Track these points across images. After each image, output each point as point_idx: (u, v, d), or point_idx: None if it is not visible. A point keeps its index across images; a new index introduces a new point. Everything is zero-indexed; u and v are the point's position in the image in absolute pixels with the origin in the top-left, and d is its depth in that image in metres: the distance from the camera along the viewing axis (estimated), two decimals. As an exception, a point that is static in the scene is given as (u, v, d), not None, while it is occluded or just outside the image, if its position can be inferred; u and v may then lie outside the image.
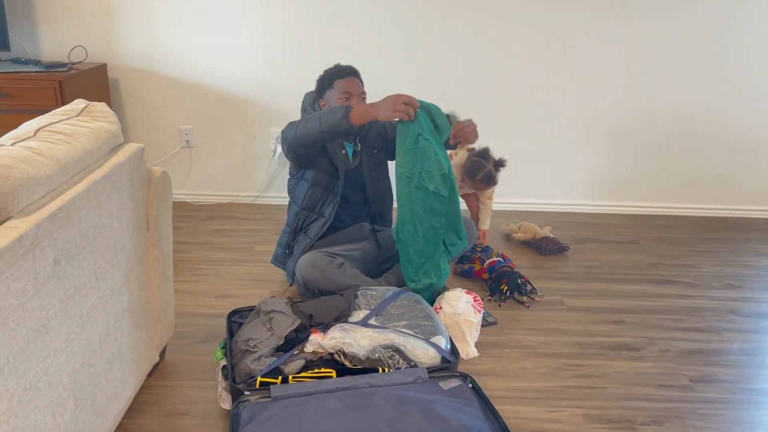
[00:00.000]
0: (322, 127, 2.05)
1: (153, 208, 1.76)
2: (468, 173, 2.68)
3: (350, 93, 2.22)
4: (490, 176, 2.65)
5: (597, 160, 3.34)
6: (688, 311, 2.41)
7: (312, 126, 2.07)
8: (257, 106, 3.24)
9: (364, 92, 2.27)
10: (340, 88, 2.23)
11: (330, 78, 2.26)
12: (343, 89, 2.22)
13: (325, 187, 2.28)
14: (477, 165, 2.65)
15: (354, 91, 2.22)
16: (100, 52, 3.13)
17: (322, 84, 2.29)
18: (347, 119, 2.01)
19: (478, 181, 2.67)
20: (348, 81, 2.23)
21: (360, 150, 2.35)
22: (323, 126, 2.04)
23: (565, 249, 2.89)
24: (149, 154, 3.32)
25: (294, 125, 2.13)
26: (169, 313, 1.93)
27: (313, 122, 2.07)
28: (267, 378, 1.69)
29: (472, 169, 2.66)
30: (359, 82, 2.27)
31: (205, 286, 2.49)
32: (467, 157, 2.70)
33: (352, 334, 1.88)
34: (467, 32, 3.11)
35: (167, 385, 1.89)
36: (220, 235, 2.99)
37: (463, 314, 2.05)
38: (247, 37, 3.13)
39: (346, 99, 2.22)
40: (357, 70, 2.30)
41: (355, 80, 2.25)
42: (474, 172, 2.65)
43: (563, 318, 2.33)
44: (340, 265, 2.17)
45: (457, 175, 2.64)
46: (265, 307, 1.98)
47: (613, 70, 3.16)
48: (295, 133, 2.11)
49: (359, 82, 2.27)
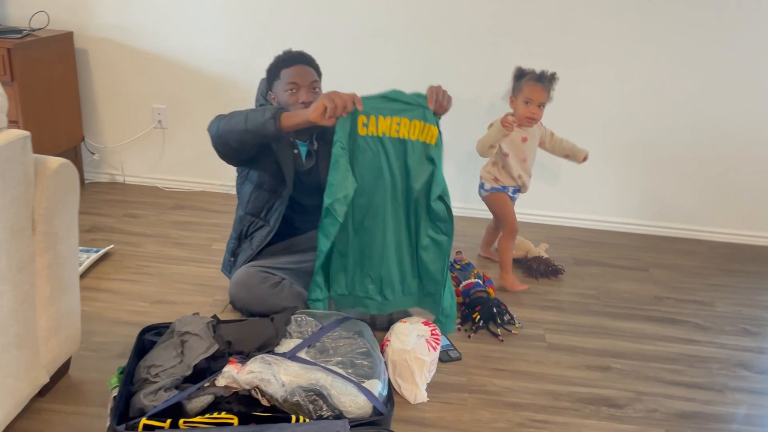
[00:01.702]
0: (247, 126, 1.75)
1: (42, 207, 1.49)
2: (515, 78, 2.33)
3: (297, 84, 1.91)
4: (541, 73, 2.30)
5: (610, 172, 2.97)
6: (690, 361, 2.06)
7: (236, 124, 1.77)
8: (236, 88, 2.96)
9: (316, 81, 1.96)
10: (286, 78, 1.92)
11: (276, 67, 1.96)
12: (289, 79, 1.92)
13: (271, 191, 1.98)
14: (520, 69, 2.34)
15: (302, 81, 1.92)
16: (68, 19, 2.88)
17: (270, 74, 1.99)
18: (275, 121, 1.71)
19: (527, 83, 2.28)
20: (295, 70, 1.93)
21: (317, 149, 2.04)
22: (249, 125, 1.74)
23: (559, 272, 2.55)
24: (119, 131, 3.08)
25: (218, 120, 1.84)
26: (70, 326, 1.67)
27: (237, 119, 1.77)
28: (153, 421, 1.42)
29: (517, 74, 2.33)
30: (310, 70, 1.95)
31: (143, 287, 2.24)
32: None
33: (274, 368, 1.59)
34: (481, 33, 2.77)
35: (59, 410, 1.63)
36: (180, 227, 2.74)
37: (413, 351, 1.75)
38: (228, 13, 2.84)
39: (293, 91, 1.91)
40: (308, 56, 1.99)
41: (304, 68, 1.94)
42: (520, 73, 2.32)
43: (540, 358, 2.01)
44: (277, 284, 1.88)
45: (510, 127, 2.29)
46: (180, 327, 1.70)
47: (633, 79, 2.78)
48: (217, 129, 1.82)
49: (310, 70, 1.96)
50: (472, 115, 2.83)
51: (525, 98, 2.28)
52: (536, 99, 2.27)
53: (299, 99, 1.92)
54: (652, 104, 2.83)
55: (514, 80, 2.33)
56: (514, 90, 2.33)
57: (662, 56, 2.74)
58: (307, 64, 1.96)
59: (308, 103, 1.92)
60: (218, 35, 2.88)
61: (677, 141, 2.88)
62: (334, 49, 2.85)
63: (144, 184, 3.17)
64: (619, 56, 2.76)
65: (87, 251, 2.41)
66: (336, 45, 2.85)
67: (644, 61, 2.75)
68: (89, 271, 2.30)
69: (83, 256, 2.37)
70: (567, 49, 2.76)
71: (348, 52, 2.85)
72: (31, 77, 2.60)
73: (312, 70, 1.96)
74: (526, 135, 2.35)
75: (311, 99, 1.92)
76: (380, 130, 1.76)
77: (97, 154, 3.12)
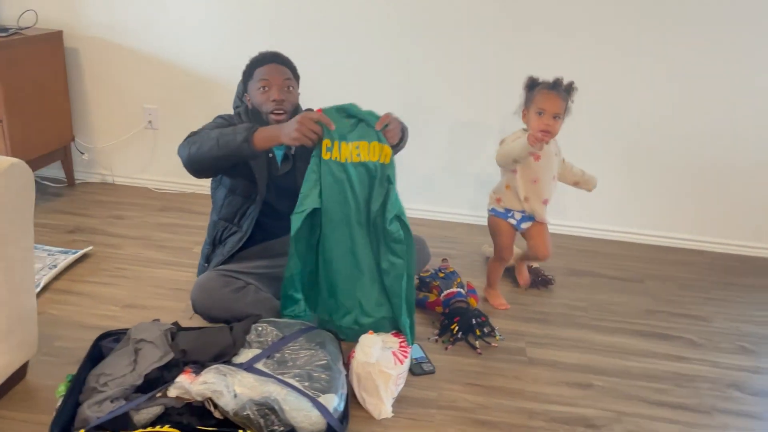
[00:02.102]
0: (219, 152, 1.71)
1: (-12, 208, 1.45)
2: (526, 88, 2.07)
3: (269, 81, 1.86)
4: (556, 80, 2.02)
5: (609, 177, 2.85)
6: (678, 379, 1.96)
7: (209, 149, 1.72)
8: (227, 89, 2.89)
9: (289, 79, 1.91)
10: (258, 76, 1.88)
11: (250, 67, 1.93)
12: (261, 77, 1.87)
13: (244, 196, 1.93)
14: (532, 79, 2.07)
15: (274, 79, 1.87)
16: (57, 18, 2.86)
17: (244, 76, 1.95)
18: (249, 144, 1.68)
19: (540, 92, 2.01)
20: (268, 68, 1.88)
21: (293, 154, 1.98)
22: (221, 150, 1.71)
23: (548, 282, 2.46)
24: (109, 131, 3.06)
25: (188, 144, 1.78)
26: (24, 330, 1.63)
27: (209, 144, 1.72)
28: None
29: (528, 83, 2.07)
30: (283, 69, 1.91)
31: (117, 290, 2.19)
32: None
33: (228, 379, 1.53)
34: (483, 39, 2.69)
35: (8, 416, 1.59)
36: (164, 230, 2.69)
37: (378, 364, 1.67)
38: (219, 14, 2.80)
39: (264, 89, 1.86)
40: (282, 56, 1.94)
41: (276, 67, 1.89)
42: (532, 82, 2.06)
43: (517, 373, 1.92)
44: (240, 289, 1.81)
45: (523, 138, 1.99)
46: (135, 334, 1.65)
47: (633, 87, 2.68)
48: (188, 155, 1.77)
49: (284, 68, 1.91)
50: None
51: (538, 109, 1.99)
52: (550, 109, 1.98)
53: (270, 97, 1.88)
54: (652, 112, 2.72)
55: (526, 90, 2.07)
56: (527, 101, 2.06)
57: (663, 64, 2.63)
58: (280, 63, 1.91)
59: (279, 101, 1.88)
60: (210, 36, 2.84)
61: (678, 148, 2.76)
62: (328, 48, 2.79)
63: (134, 184, 3.14)
64: (620, 64, 2.66)
65: (65, 252, 2.38)
66: (330, 45, 2.79)
67: (644, 68, 2.65)
68: (64, 273, 2.27)
69: (60, 257, 2.34)
70: (566, 56, 2.67)
71: (343, 52, 2.79)
72: (17, 76, 2.58)
73: (286, 69, 1.91)
74: (539, 152, 2.04)
75: (283, 97, 1.89)
76: (343, 156, 1.74)
77: (87, 154, 3.10)
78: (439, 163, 2.93)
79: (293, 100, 1.95)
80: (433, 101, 2.82)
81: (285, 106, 1.90)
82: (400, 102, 2.83)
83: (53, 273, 2.21)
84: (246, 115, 1.96)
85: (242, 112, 1.98)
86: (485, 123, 2.82)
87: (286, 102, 1.90)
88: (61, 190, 3.03)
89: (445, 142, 2.89)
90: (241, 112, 1.99)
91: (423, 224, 2.95)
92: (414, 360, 1.90)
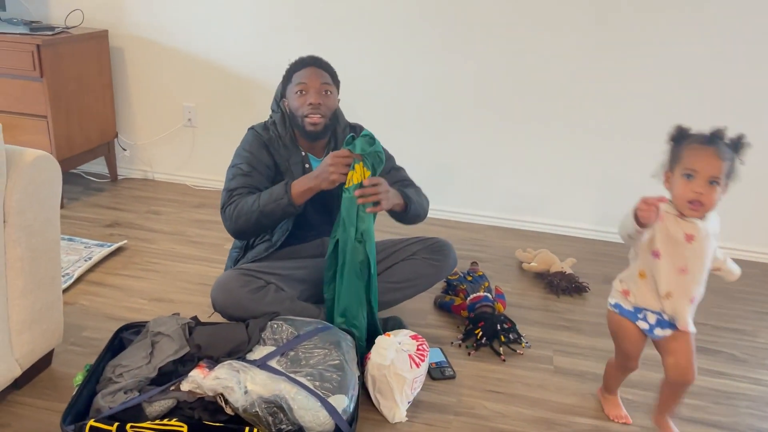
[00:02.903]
0: (267, 219, 1.78)
1: (14, 199, 1.48)
2: (672, 142, 1.49)
3: (307, 85, 1.83)
4: (714, 133, 1.44)
5: (651, 181, 2.74)
6: (716, 396, 1.84)
7: (255, 220, 1.77)
8: (265, 90, 2.93)
9: (327, 84, 1.87)
10: (296, 80, 1.86)
11: (289, 72, 1.90)
12: (299, 81, 1.85)
13: None
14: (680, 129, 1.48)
15: (312, 82, 1.84)
16: (103, 18, 2.94)
17: (284, 80, 1.92)
18: (293, 205, 1.74)
19: (689, 147, 1.43)
20: (306, 72, 1.85)
21: None
22: (268, 218, 1.77)
23: (583, 289, 2.37)
24: (150, 129, 3.13)
25: (232, 219, 1.80)
26: (48, 320, 1.66)
27: (254, 215, 1.77)
28: (100, 423, 1.38)
29: (675, 135, 1.48)
30: (322, 73, 1.87)
31: (146, 284, 2.23)
32: None
33: (241, 375, 1.53)
34: (511, 38, 2.63)
35: (31, 404, 1.63)
36: (199, 226, 2.73)
37: (392, 366, 1.64)
38: (259, 14, 2.83)
39: (301, 93, 1.83)
40: (321, 60, 1.90)
41: (314, 70, 1.86)
42: (679, 134, 1.47)
43: (542, 381, 1.85)
44: (260, 289, 1.80)
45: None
46: (153, 327, 1.66)
47: (693, 82, 2.56)
48: (235, 227, 1.82)
49: (322, 72, 1.87)
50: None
51: (686, 170, 1.41)
52: (705, 171, 1.39)
53: (307, 101, 1.84)
54: (692, 112, 2.59)
55: (672, 145, 1.49)
56: (672, 160, 1.47)
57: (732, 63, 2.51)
58: (319, 67, 1.87)
59: (316, 104, 1.83)
60: (249, 36, 2.87)
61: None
62: (365, 50, 2.77)
63: (173, 181, 3.20)
64: (672, 63, 2.54)
65: (101, 246, 2.44)
66: (367, 46, 2.77)
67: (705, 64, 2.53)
68: (98, 266, 2.32)
69: (96, 250, 2.40)
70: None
71: (379, 52, 2.77)
72: (62, 74, 2.67)
73: (324, 73, 1.88)
74: (692, 231, 1.45)
75: (320, 101, 1.84)
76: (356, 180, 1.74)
77: (129, 150, 3.18)
78: (466, 162, 2.87)
79: (331, 104, 1.90)
80: (461, 101, 2.77)
81: (322, 110, 1.85)
82: (434, 97, 2.80)
83: (87, 265, 2.27)
84: (282, 125, 1.93)
85: (277, 120, 1.94)
86: (516, 120, 2.75)
87: (323, 106, 1.85)
88: (104, 185, 3.12)
89: (476, 141, 2.83)
90: (276, 120, 1.95)
91: (451, 226, 2.89)
92: (434, 364, 1.86)
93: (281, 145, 1.91)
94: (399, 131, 2.86)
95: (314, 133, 1.87)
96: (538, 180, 2.82)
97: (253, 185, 1.85)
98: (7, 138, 2.70)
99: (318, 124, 1.85)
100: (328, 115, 1.88)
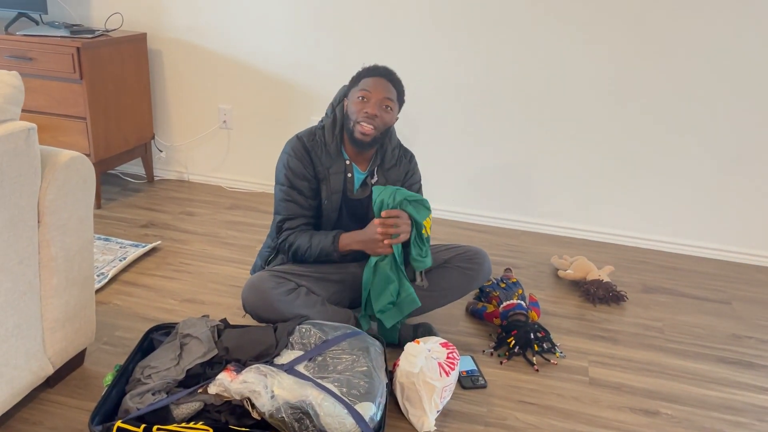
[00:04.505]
0: (320, 260, 1.89)
1: (48, 199, 1.50)
2: None
3: (369, 93, 1.81)
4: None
5: (699, 189, 2.65)
6: (760, 413, 1.76)
7: (306, 259, 1.90)
8: (299, 91, 2.94)
9: (389, 99, 1.83)
10: (362, 86, 1.83)
11: (359, 75, 1.87)
12: (363, 87, 1.83)
13: (317, 217, 1.94)
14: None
15: (375, 93, 1.81)
16: (142, 21, 2.99)
17: (351, 81, 1.90)
18: (339, 256, 1.86)
19: None
20: (374, 81, 1.82)
21: (374, 182, 1.94)
22: (322, 259, 1.89)
23: (621, 298, 2.29)
24: (186, 130, 3.16)
25: (285, 253, 1.93)
26: (81, 319, 1.68)
27: (310, 259, 1.89)
28: (127, 425, 1.38)
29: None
30: (388, 86, 1.84)
31: (178, 285, 2.24)
32: None
33: (268, 380, 1.51)
34: (551, 45, 2.57)
35: (63, 402, 1.64)
36: (232, 227, 2.74)
37: (422, 374, 1.60)
38: (295, 17, 2.83)
39: (362, 99, 1.81)
40: (392, 73, 1.87)
41: (383, 82, 1.83)
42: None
43: (576, 394, 1.79)
44: (291, 291, 1.79)
45: None
46: (183, 329, 1.67)
47: (729, 80, 2.47)
48: (291, 260, 1.94)
49: (389, 86, 1.84)
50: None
51: None
52: None
53: (365, 108, 1.81)
54: (740, 122, 2.49)
55: None
56: None
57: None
58: (388, 80, 1.85)
59: (372, 115, 1.81)
60: (285, 38, 2.87)
61: (777, 158, 2.52)
62: (404, 55, 2.75)
63: (208, 182, 3.23)
64: (715, 61, 2.46)
65: (136, 246, 2.47)
66: (406, 52, 2.75)
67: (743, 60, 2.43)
68: (132, 266, 2.35)
69: (130, 250, 2.42)
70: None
71: (418, 54, 2.75)
72: (101, 76, 2.71)
73: (391, 87, 1.85)
74: None
75: (376, 113, 1.81)
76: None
77: (165, 151, 3.21)
78: (502, 167, 2.82)
79: (387, 120, 1.86)
80: (501, 105, 2.72)
81: (376, 122, 1.82)
82: (475, 102, 2.76)
83: (121, 265, 2.30)
84: (330, 131, 1.90)
85: (327, 125, 1.93)
86: (555, 125, 2.69)
87: (379, 119, 1.82)
88: (140, 186, 3.16)
89: (513, 145, 2.78)
90: (326, 125, 1.94)
91: (485, 231, 2.84)
92: (465, 372, 1.82)
93: (324, 152, 1.89)
94: (438, 136, 2.82)
95: (361, 142, 1.84)
96: (575, 185, 2.75)
97: (298, 213, 1.90)
98: (47, 139, 2.76)
99: (368, 135, 1.82)
100: (381, 129, 1.85)
